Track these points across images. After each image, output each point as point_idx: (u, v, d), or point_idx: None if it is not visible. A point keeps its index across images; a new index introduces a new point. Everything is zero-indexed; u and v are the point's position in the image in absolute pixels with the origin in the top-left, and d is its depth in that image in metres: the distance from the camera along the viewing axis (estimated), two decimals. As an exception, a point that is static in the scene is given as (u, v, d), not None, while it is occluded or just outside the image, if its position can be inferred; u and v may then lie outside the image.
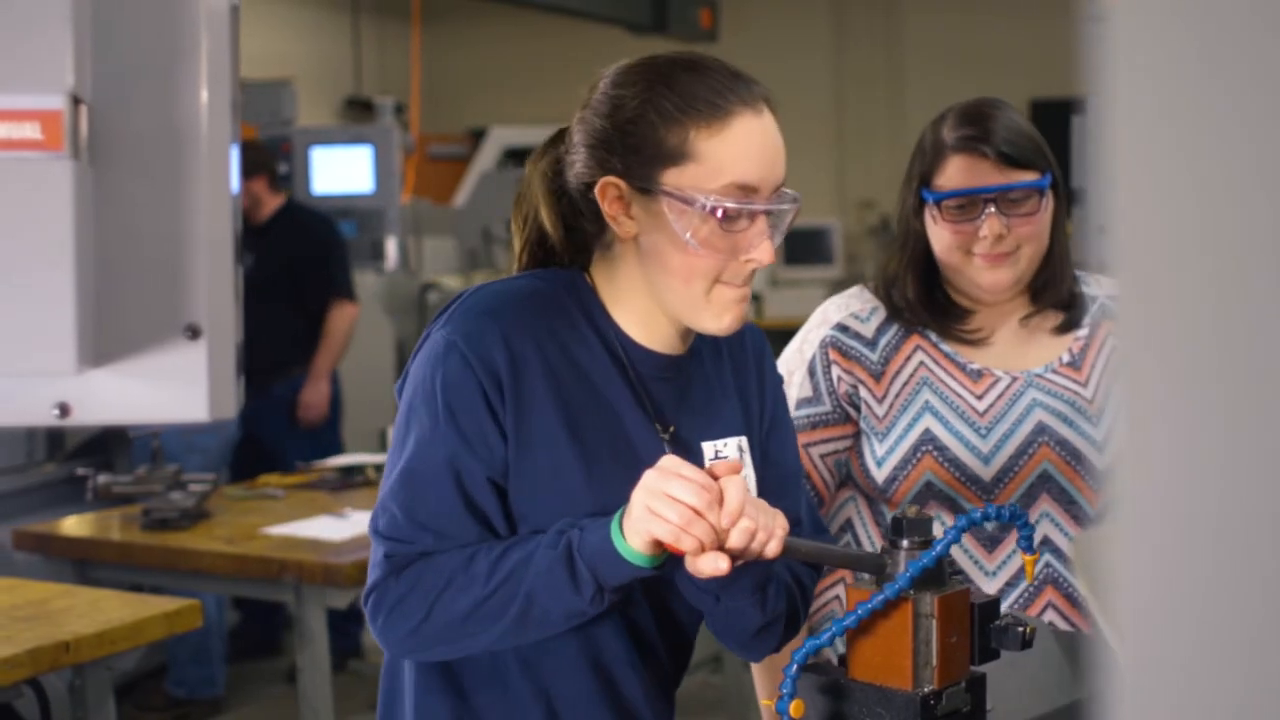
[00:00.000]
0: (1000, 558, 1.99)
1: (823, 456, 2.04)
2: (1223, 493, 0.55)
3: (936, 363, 2.03)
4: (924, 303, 2.03)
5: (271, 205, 5.32)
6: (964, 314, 2.05)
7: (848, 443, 2.05)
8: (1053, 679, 1.69)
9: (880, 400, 2.02)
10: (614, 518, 1.49)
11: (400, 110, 8.13)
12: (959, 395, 2.01)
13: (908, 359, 2.03)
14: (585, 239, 1.65)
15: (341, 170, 6.79)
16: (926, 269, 2.04)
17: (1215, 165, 0.54)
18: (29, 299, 0.95)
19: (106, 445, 4.73)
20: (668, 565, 1.50)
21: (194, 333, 1.01)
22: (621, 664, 1.64)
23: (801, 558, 1.59)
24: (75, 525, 3.88)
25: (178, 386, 1.02)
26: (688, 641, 1.73)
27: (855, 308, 2.06)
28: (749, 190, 1.53)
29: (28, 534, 3.81)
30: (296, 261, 5.29)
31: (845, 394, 2.03)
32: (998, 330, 2.06)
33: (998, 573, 1.99)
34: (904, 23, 10.32)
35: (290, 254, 5.28)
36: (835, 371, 2.03)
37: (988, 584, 1.99)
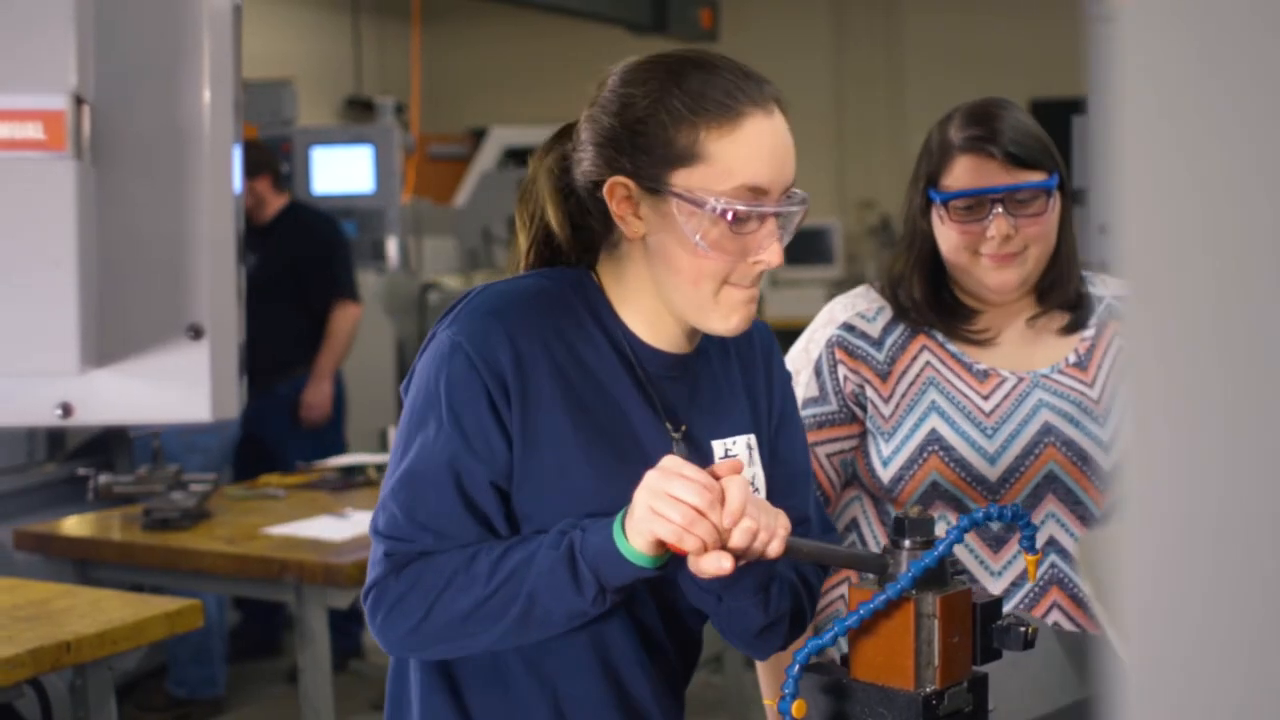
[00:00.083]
0: (1006, 558, 1.99)
1: (829, 456, 2.04)
2: (1229, 493, 0.55)
3: (943, 363, 2.02)
4: (930, 303, 2.03)
5: (275, 205, 5.31)
6: (970, 314, 2.04)
7: (854, 442, 2.04)
8: (1055, 679, 1.69)
9: (886, 400, 2.01)
10: (616, 518, 1.48)
11: (400, 110, 8.13)
12: (965, 395, 2.00)
13: (914, 359, 2.03)
14: (592, 238, 1.64)
15: (342, 170, 6.80)
16: (933, 269, 2.03)
17: (1224, 166, 0.54)
18: (31, 299, 0.95)
19: (107, 445, 4.72)
20: (670, 565, 1.50)
21: (196, 333, 1.01)
22: (629, 663, 1.63)
23: (803, 558, 1.58)
24: (76, 525, 3.88)
25: (180, 386, 1.02)
26: (696, 639, 1.72)
27: (861, 307, 2.06)
28: (759, 192, 1.52)
29: (28, 534, 3.80)
30: (300, 261, 5.28)
31: (851, 393, 2.02)
32: (1004, 330, 2.05)
33: (1003, 573, 1.99)
34: (904, 23, 10.31)
35: (294, 254, 5.28)
36: (842, 371, 2.02)
37: (993, 584, 1.98)
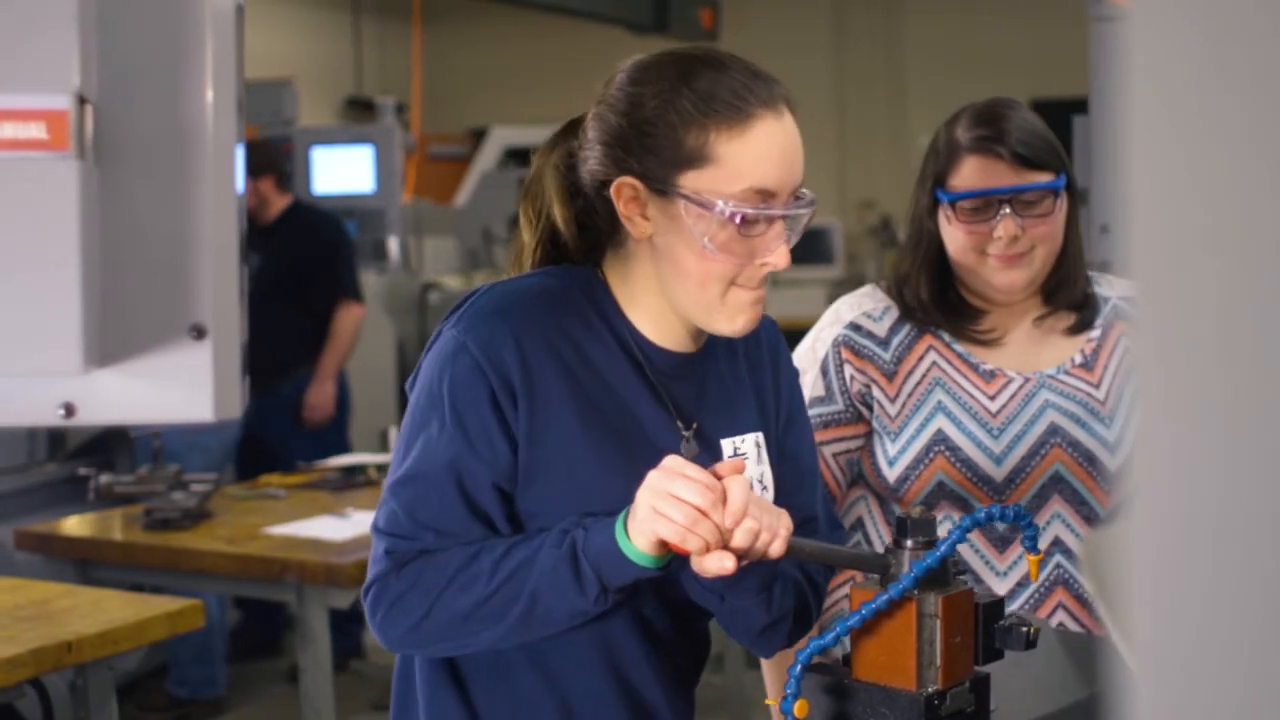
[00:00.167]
0: (1011, 558, 1.99)
1: (835, 455, 2.04)
2: (1236, 495, 0.55)
3: (949, 363, 2.02)
4: (937, 303, 2.03)
5: (279, 205, 5.31)
6: (977, 314, 2.04)
7: (860, 442, 2.04)
8: (1057, 679, 1.69)
9: (893, 400, 2.01)
10: (618, 518, 1.48)
11: (401, 110, 8.13)
12: (971, 396, 2.00)
13: (920, 359, 2.02)
14: (599, 236, 1.63)
15: (342, 170, 6.80)
16: (940, 269, 2.03)
17: (1233, 166, 0.54)
18: (34, 299, 0.95)
19: (108, 445, 4.72)
20: (673, 565, 1.50)
21: (199, 333, 1.01)
22: (634, 658, 1.63)
23: (806, 558, 1.58)
24: (77, 525, 3.88)
25: (183, 386, 1.01)
26: (703, 635, 1.72)
27: (868, 307, 2.06)
28: (768, 195, 1.51)
29: (29, 534, 3.80)
30: (303, 261, 5.28)
31: (858, 393, 2.02)
32: (1011, 331, 2.05)
33: (1009, 573, 1.99)
34: (904, 23, 10.32)
35: (297, 254, 5.27)
36: (848, 370, 2.02)
37: (999, 584, 1.98)
